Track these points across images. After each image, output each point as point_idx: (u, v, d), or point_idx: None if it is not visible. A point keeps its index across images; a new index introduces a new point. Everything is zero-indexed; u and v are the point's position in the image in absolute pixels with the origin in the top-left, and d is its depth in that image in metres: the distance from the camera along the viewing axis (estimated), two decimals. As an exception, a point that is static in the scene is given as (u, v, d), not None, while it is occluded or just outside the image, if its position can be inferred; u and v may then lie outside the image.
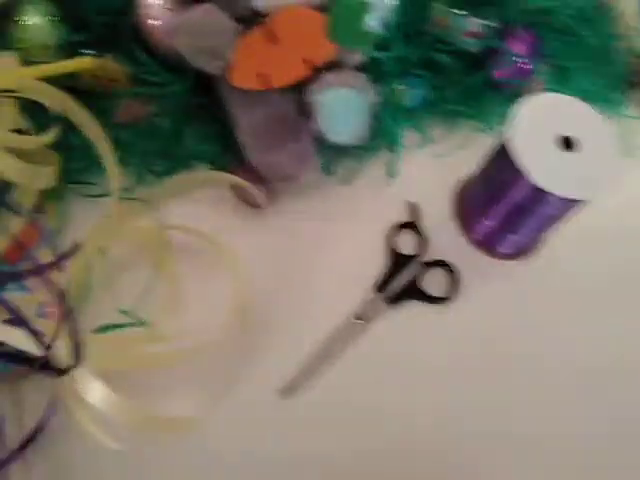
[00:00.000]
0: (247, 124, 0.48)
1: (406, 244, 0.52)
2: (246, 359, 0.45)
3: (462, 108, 0.57)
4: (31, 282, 0.42)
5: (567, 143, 0.45)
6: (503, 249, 0.52)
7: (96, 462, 0.41)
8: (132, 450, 0.39)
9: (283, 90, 0.47)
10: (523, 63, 0.56)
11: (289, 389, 0.45)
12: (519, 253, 0.53)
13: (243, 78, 0.46)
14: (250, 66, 0.46)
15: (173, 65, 0.48)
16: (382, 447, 0.44)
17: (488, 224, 0.51)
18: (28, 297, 0.41)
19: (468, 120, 0.58)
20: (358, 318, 0.48)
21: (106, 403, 0.38)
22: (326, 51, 0.46)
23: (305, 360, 0.46)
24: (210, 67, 0.45)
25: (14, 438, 0.39)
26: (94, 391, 0.38)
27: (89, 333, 0.43)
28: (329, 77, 0.47)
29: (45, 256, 0.44)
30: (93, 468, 0.41)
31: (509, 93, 0.57)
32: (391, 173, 0.55)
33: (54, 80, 0.45)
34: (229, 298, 0.45)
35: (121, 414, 0.38)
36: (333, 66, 0.48)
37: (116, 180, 0.44)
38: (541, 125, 0.45)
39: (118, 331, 0.43)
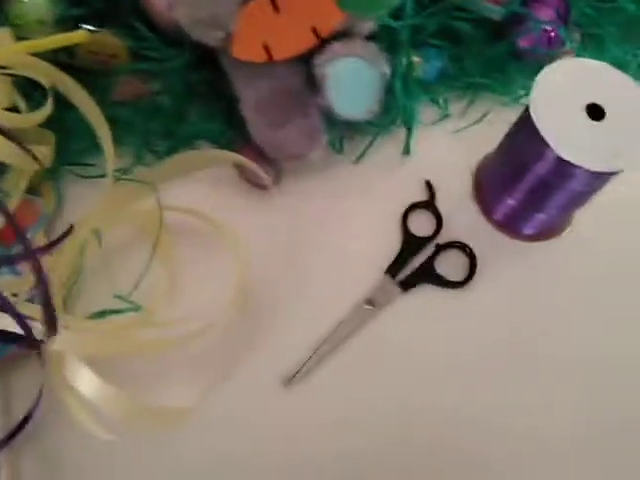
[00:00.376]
0: (251, 99, 0.45)
1: (421, 225, 0.48)
2: (247, 345, 0.43)
3: (483, 80, 0.53)
4: (24, 265, 0.40)
5: (596, 112, 0.41)
6: (527, 229, 0.49)
7: (87, 452, 0.39)
8: (124, 440, 0.37)
9: (289, 62, 0.44)
10: (550, 30, 0.52)
11: (293, 378, 0.43)
12: (544, 233, 0.49)
13: (245, 50, 0.44)
14: (253, 37, 0.43)
15: (174, 39, 0.46)
16: (390, 441, 0.42)
17: (511, 203, 0.47)
18: (19, 281, 0.40)
19: (490, 93, 0.54)
20: (369, 303, 0.45)
21: (96, 392, 0.36)
22: (334, 19, 0.43)
23: (311, 347, 0.43)
24: (210, 38, 0.43)
25: (2, 427, 0.38)
26: (83, 380, 0.36)
27: (82, 319, 0.41)
28: (337, 47, 0.44)
29: (40, 239, 0.43)
30: (84, 458, 0.39)
31: (535, 64, 0.53)
32: (406, 150, 0.51)
33: (51, 57, 0.43)
34: (231, 282, 0.43)
35: (112, 404, 0.36)
36: (342, 35, 0.45)
37: (112, 161, 0.42)
38: (567, 92, 0.42)
39: (113, 317, 0.42)
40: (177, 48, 0.46)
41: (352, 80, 0.44)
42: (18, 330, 0.35)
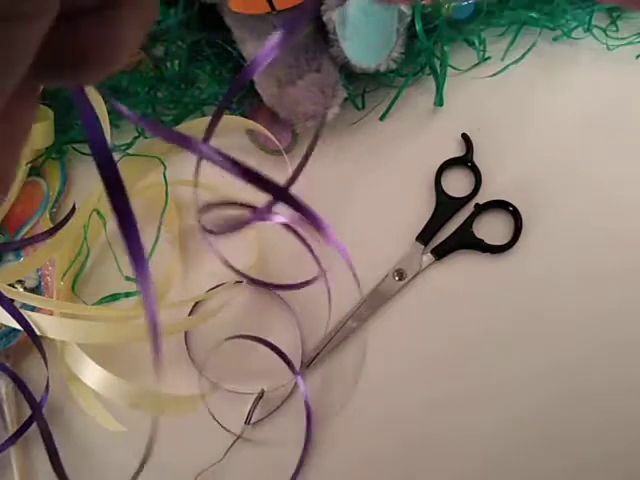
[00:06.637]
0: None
1: (457, 185, 0.43)
2: (263, 326, 0.40)
3: (527, 13, 0.46)
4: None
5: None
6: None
7: (99, 442, 0.38)
8: (136, 430, 0.35)
9: (294, 11, 0.40)
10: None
11: (315, 358, 0.39)
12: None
13: (245, 1, 0.39)
14: (252, -15, 0.39)
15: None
16: (424, 432, 0.38)
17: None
18: (22, 266, 0.38)
19: (535, 28, 0.47)
20: (398, 274, 0.41)
21: (102, 383, 0.34)
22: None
23: (335, 325, 0.40)
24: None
25: (14, 417, 0.37)
26: (88, 370, 0.34)
27: (90, 305, 0.39)
28: (347, -13, 0.39)
29: (45, 222, 0.41)
30: (97, 448, 0.38)
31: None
32: (439, 102, 0.45)
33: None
34: (248, 257, 0.40)
35: (119, 394, 0.34)
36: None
37: (109, 135, 0.39)
38: None
39: (124, 300, 0.40)
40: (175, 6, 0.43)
41: (365, 23, 0.39)
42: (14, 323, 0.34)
